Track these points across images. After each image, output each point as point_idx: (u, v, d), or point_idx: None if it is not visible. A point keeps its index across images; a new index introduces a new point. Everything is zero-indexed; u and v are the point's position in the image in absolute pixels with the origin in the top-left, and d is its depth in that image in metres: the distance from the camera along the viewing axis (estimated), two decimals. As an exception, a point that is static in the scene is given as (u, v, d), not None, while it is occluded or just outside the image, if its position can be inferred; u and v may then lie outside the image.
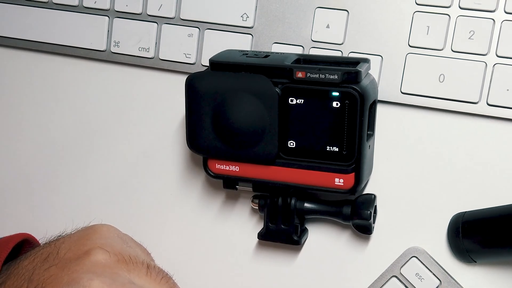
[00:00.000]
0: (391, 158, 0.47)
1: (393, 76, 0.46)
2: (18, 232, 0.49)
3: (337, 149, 0.44)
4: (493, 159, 0.45)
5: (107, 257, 0.43)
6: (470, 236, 0.44)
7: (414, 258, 0.47)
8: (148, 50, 0.51)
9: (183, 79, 0.46)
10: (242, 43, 0.49)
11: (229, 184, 0.48)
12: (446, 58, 0.45)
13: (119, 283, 0.41)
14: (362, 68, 0.43)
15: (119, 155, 0.54)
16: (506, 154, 0.45)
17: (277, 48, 0.48)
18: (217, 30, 0.50)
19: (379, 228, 0.48)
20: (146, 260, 0.45)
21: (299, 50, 0.48)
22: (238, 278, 0.51)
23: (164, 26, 0.51)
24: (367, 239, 0.49)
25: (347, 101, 0.42)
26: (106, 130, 0.54)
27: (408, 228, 0.47)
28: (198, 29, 0.50)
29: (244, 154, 0.45)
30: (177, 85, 0.51)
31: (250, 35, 0.49)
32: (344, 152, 0.44)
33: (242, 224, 0.51)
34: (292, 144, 0.45)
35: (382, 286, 0.47)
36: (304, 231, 0.49)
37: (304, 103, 0.43)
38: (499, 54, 0.44)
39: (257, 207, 0.48)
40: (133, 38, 0.52)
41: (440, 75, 0.45)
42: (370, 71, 0.45)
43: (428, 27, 0.45)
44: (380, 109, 0.47)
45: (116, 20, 0.52)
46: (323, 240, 0.49)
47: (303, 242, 0.49)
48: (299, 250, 0.50)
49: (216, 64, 0.45)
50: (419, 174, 0.47)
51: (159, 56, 0.51)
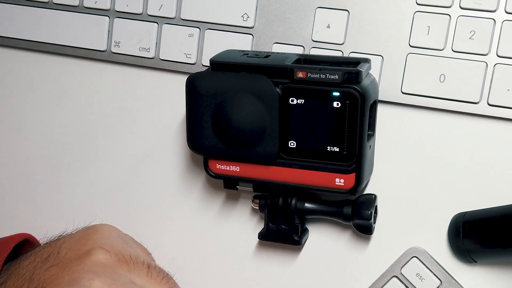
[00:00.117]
0: (391, 158, 0.47)
1: (393, 76, 0.46)
2: (18, 232, 0.49)
3: (337, 149, 0.44)
4: (493, 159, 0.45)
5: (108, 257, 0.43)
6: (471, 236, 0.44)
7: (415, 258, 0.47)
8: (148, 50, 0.51)
9: (183, 79, 0.46)
10: (243, 43, 0.49)
11: (229, 184, 0.48)
12: (447, 58, 0.45)
13: (119, 283, 0.41)
14: (362, 68, 0.43)
15: (120, 155, 0.54)
16: (506, 154, 0.45)
17: (277, 48, 0.48)
18: (217, 30, 0.50)
19: (380, 228, 0.48)
20: (146, 260, 0.45)
21: (299, 50, 0.48)
22: (238, 278, 0.51)
23: (165, 26, 0.51)
24: (368, 239, 0.48)
25: (347, 101, 0.42)
26: (107, 130, 0.54)
27: (409, 228, 0.47)
28: (198, 29, 0.50)
29: (245, 154, 0.45)
30: (177, 85, 0.51)
31: (251, 35, 0.49)
32: (345, 152, 0.44)
33: (243, 224, 0.51)
34: (292, 144, 0.45)
35: (383, 286, 0.47)
36: (305, 231, 0.49)
37: (304, 103, 0.43)
38: (499, 54, 0.44)
39: (257, 207, 0.48)
40: (133, 38, 0.52)
41: (441, 75, 0.45)
42: (370, 71, 0.45)
43: (429, 27, 0.45)
44: (380, 109, 0.47)
45: (117, 20, 0.52)
46: (323, 240, 0.49)
47: (303, 242, 0.49)
48: (299, 250, 0.50)
49: (217, 64, 0.45)
50: (419, 174, 0.47)
51: (160, 56, 0.51)
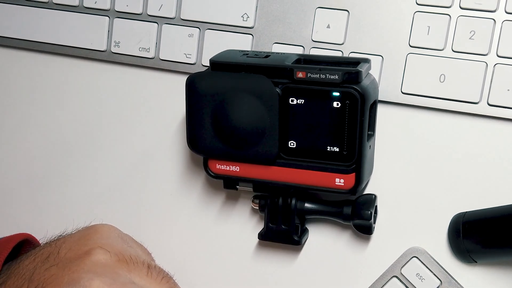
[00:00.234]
0: (391, 158, 0.47)
1: (393, 76, 0.46)
2: (18, 232, 0.49)
3: (337, 149, 0.44)
4: (493, 159, 0.45)
5: (108, 257, 0.43)
6: (471, 236, 0.44)
7: (415, 258, 0.47)
8: (148, 50, 0.51)
9: (183, 79, 0.46)
10: (243, 43, 0.49)
11: (229, 184, 0.48)
12: (447, 58, 0.45)
13: (119, 283, 0.41)
14: (362, 68, 0.43)
15: (119, 155, 0.54)
16: (506, 154, 0.45)
17: (277, 48, 0.48)
18: (217, 30, 0.50)
19: (380, 228, 0.48)
20: (146, 260, 0.45)
21: (299, 50, 0.48)
22: (238, 278, 0.51)
23: (165, 26, 0.51)
24: (368, 239, 0.48)
25: (347, 101, 0.42)
26: (106, 130, 0.54)
27: (409, 228, 0.47)
28: (198, 29, 0.50)
29: (245, 154, 0.45)
30: (177, 85, 0.51)
31: (251, 35, 0.49)
32: (345, 152, 0.44)
33: (243, 224, 0.51)
34: (292, 144, 0.45)
35: (383, 286, 0.47)
36: (305, 231, 0.49)
37: (304, 103, 0.43)
38: (499, 54, 0.44)
39: (257, 207, 0.48)
40: (133, 38, 0.52)
41: (441, 75, 0.45)
42: (370, 71, 0.45)
43: (429, 27, 0.45)
44: (380, 109, 0.47)
45: (117, 20, 0.52)
46: (323, 240, 0.49)
47: (303, 242, 0.49)
48: (299, 250, 0.50)
49: (217, 64, 0.45)
50: (419, 174, 0.47)
51: (160, 56, 0.51)
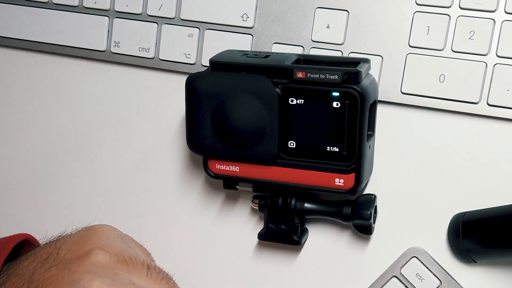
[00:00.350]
0: (391, 158, 0.47)
1: (393, 76, 0.46)
2: (18, 232, 0.49)
3: (337, 149, 0.44)
4: (493, 159, 0.45)
5: (108, 257, 0.43)
6: (470, 236, 0.44)
7: (415, 258, 0.47)
8: (148, 50, 0.51)
9: (183, 79, 0.46)
10: (242, 43, 0.49)
11: (229, 184, 0.48)
12: (447, 58, 0.45)
13: (119, 283, 0.41)
14: (362, 68, 0.43)
15: (119, 155, 0.54)
16: (506, 154, 0.45)
17: (277, 48, 0.48)
18: (217, 30, 0.50)
19: (379, 228, 0.48)
20: (146, 261, 0.45)
21: (299, 50, 0.48)
22: (238, 278, 0.51)
23: (164, 26, 0.51)
24: (367, 239, 0.48)
25: (347, 101, 0.42)
26: (106, 130, 0.54)
27: (409, 228, 0.47)
28: (198, 29, 0.50)
29: (244, 154, 0.45)
30: (177, 85, 0.51)
31: (250, 35, 0.49)
32: (344, 152, 0.44)
33: (242, 224, 0.51)
34: (292, 144, 0.45)
35: (383, 286, 0.47)
36: (304, 231, 0.49)
37: (304, 103, 0.43)
38: (499, 54, 0.44)
39: (257, 207, 0.48)
40: (133, 38, 0.52)
41: (441, 75, 0.45)
42: (370, 71, 0.45)
43: (428, 27, 0.45)
44: (380, 109, 0.47)
45: (116, 20, 0.52)
46: (323, 240, 0.49)
47: (303, 242, 0.49)
48: (299, 250, 0.50)
49: (216, 64, 0.45)
50: (419, 174, 0.47)
51: (159, 56, 0.51)
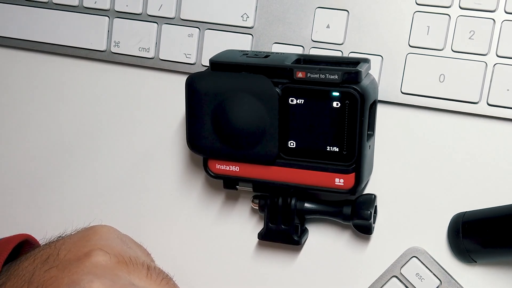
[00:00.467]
0: (391, 158, 0.47)
1: (393, 76, 0.46)
2: (18, 232, 0.49)
3: (337, 149, 0.44)
4: (493, 159, 0.45)
5: (107, 258, 0.43)
6: (470, 236, 0.44)
7: (415, 258, 0.47)
8: (148, 50, 0.51)
9: (183, 79, 0.46)
10: (242, 43, 0.49)
11: (229, 184, 0.48)
12: (447, 58, 0.45)
13: (119, 284, 0.41)
14: (362, 68, 0.43)
15: (119, 155, 0.54)
16: (506, 154, 0.45)
17: (277, 48, 0.48)
18: (217, 30, 0.50)
19: (379, 228, 0.48)
20: (146, 261, 0.45)
21: (299, 50, 0.48)
22: (238, 278, 0.51)
23: (164, 26, 0.51)
24: (367, 239, 0.48)
25: (347, 101, 0.42)
26: (106, 130, 0.54)
27: (409, 228, 0.47)
28: (198, 29, 0.50)
29: (244, 154, 0.45)
30: (177, 85, 0.51)
31: (250, 35, 0.49)
32: (344, 152, 0.44)
33: (242, 224, 0.51)
34: (292, 144, 0.45)
35: (383, 286, 0.47)
36: (304, 231, 0.49)
37: (304, 103, 0.43)
38: (499, 54, 0.44)
39: (257, 207, 0.48)
40: (133, 38, 0.52)
41: (440, 75, 0.45)
42: (370, 71, 0.45)
43: (428, 27, 0.45)
44: (380, 109, 0.47)
45: (116, 20, 0.52)
46: (323, 240, 0.49)
47: (303, 242, 0.49)
48: (299, 250, 0.50)
49: (216, 64, 0.45)
50: (419, 174, 0.47)
51: (159, 56, 0.51)
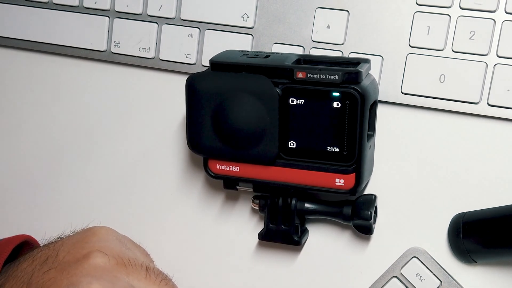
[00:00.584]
0: (391, 158, 0.47)
1: (393, 77, 0.46)
2: (16, 233, 0.49)
3: (337, 149, 0.44)
4: (493, 159, 0.45)
5: (106, 260, 0.43)
6: (471, 237, 0.44)
7: (415, 259, 0.47)
8: (148, 50, 0.51)
9: (183, 79, 0.46)
10: (243, 43, 0.49)
11: (229, 184, 0.48)
12: (447, 59, 0.45)
13: (118, 286, 0.41)
14: (362, 68, 0.43)
15: (119, 156, 0.54)
16: (506, 154, 0.45)
17: (277, 49, 0.48)
18: (217, 30, 0.50)
19: (380, 229, 0.48)
20: (145, 263, 0.45)
21: (299, 51, 0.48)
22: (238, 278, 0.51)
23: (165, 26, 0.51)
24: (368, 240, 0.48)
25: (347, 101, 0.42)
26: (106, 131, 0.54)
27: (409, 229, 0.47)
28: (198, 29, 0.50)
29: (245, 154, 0.45)
30: (177, 85, 0.51)
31: (251, 36, 0.49)
32: (345, 153, 0.44)
33: (242, 224, 0.51)
34: (292, 144, 0.45)
35: (383, 286, 0.47)
36: (305, 232, 0.49)
37: (304, 103, 0.43)
38: (499, 54, 0.44)
39: (257, 208, 0.48)
40: (133, 39, 0.52)
41: (441, 75, 0.45)
42: (370, 72, 0.45)
43: (429, 27, 0.45)
44: (380, 109, 0.47)
45: (117, 21, 0.52)
46: (323, 241, 0.49)
47: (303, 243, 0.49)
48: (299, 250, 0.50)
49: (217, 65, 0.45)
50: (419, 174, 0.47)
51: (160, 56, 0.51)
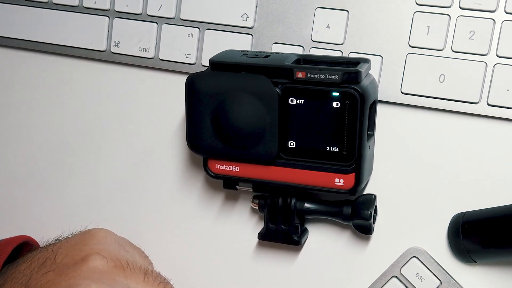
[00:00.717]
0: (391, 158, 0.47)
1: (393, 76, 0.46)
2: (16, 233, 0.49)
3: (337, 149, 0.44)
4: (493, 159, 0.45)
5: (104, 263, 0.43)
6: (471, 236, 0.44)
7: (415, 258, 0.47)
8: (148, 50, 0.51)
9: (183, 79, 0.46)
10: (242, 43, 0.49)
11: (229, 184, 0.48)
12: (447, 58, 0.45)
13: (116, 289, 0.41)
14: (362, 68, 0.43)
15: (119, 156, 0.54)
16: (506, 154, 0.45)
17: (277, 48, 0.48)
18: (217, 30, 0.50)
19: (379, 228, 0.48)
20: (143, 265, 0.45)
21: (299, 50, 0.48)
22: (238, 278, 0.51)
23: (164, 26, 0.51)
24: (367, 239, 0.48)
25: (347, 101, 0.42)
26: (106, 131, 0.54)
27: (409, 228, 0.47)
28: (198, 29, 0.50)
29: (244, 154, 0.45)
30: (177, 85, 0.51)
31: (250, 35, 0.49)
32: (344, 152, 0.44)
33: (242, 224, 0.51)
34: (292, 144, 0.45)
35: (383, 286, 0.47)
36: (304, 231, 0.49)
37: (304, 103, 0.43)
38: (499, 54, 0.44)
39: (257, 207, 0.48)
40: (133, 38, 0.52)
41: (441, 75, 0.45)
42: (370, 71, 0.45)
43: (429, 27, 0.45)
44: (380, 109, 0.47)
45: (116, 20, 0.52)
46: (323, 240, 0.49)
47: (303, 242, 0.49)
48: (299, 250, 0.50)
49: (216, 64, 0.45)
50: (419, 174, 0.47)
51: (159, 56, 0.51)
